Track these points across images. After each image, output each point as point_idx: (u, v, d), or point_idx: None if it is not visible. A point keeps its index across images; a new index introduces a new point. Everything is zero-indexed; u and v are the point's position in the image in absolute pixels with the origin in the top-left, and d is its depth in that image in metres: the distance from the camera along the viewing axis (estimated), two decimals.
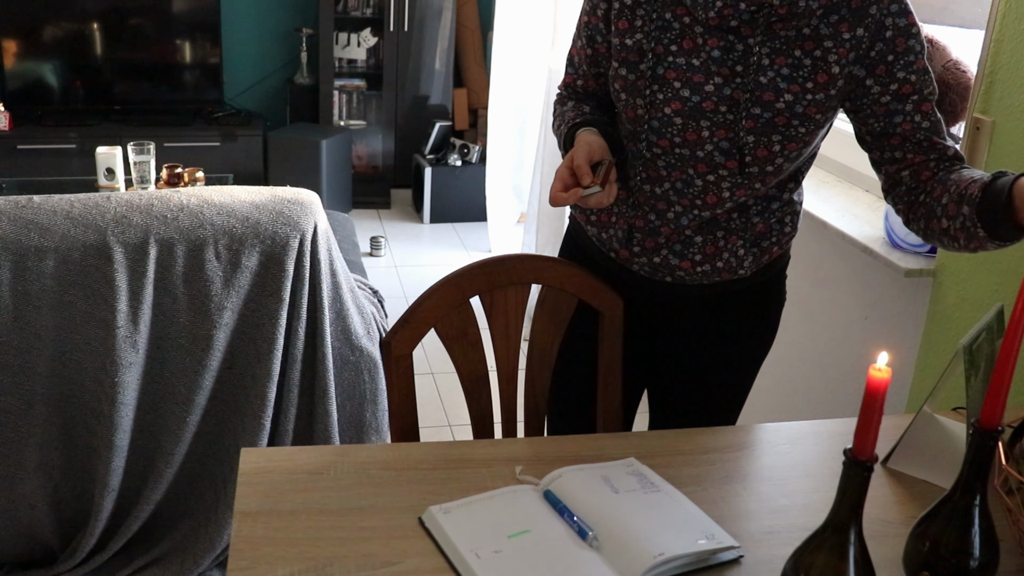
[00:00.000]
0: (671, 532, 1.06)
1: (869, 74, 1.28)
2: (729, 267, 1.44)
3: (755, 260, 1.45)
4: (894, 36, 1.26)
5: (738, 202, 1.38)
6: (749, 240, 1.43)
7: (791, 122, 1.29)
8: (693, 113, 1.32)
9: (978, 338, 1.19)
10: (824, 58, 1.27)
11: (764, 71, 1.28)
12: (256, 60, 5.13)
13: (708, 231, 1.41)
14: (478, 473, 1.19)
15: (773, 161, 1.33)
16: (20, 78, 4.61)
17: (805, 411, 2.29)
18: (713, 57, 1.29)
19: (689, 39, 1.30)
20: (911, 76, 1.28)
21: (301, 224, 2.01)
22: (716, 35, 1.29)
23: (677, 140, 1.34)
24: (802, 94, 1.28)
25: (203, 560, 2.05)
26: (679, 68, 1.31)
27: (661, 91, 1.33)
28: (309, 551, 1.02)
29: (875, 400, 0.80)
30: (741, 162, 1.33)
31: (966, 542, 0.97)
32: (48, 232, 1.88)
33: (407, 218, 5.02)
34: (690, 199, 1.38)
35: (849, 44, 1.26)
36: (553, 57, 3.63)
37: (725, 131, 1.31)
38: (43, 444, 1.98)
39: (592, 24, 1.41)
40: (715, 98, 1.30)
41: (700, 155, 1.34)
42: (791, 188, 1.44)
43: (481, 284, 1.47)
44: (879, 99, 1.29)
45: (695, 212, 1.39)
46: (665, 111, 1.33)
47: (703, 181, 1.36)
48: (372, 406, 2.20)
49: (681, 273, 1.45)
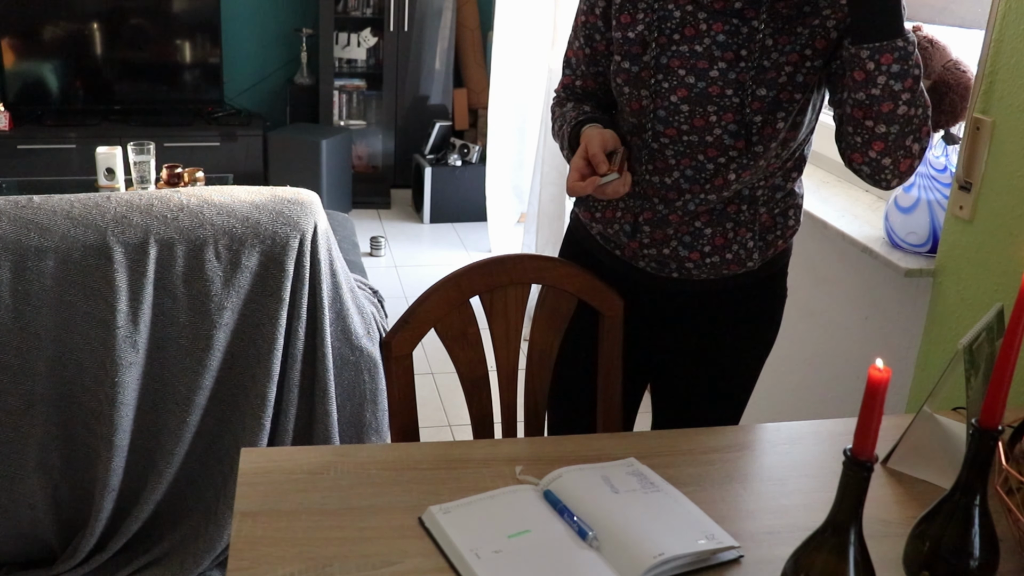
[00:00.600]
0: (671, 532, 1.06)
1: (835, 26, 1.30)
2: (738, 259, 1.44)
3: (762, 253, 1.46)
4: None
5: (743, 182, 1.39)
6: (757, 232, 1.44)
7: (794, 95, 1.31)
8: (700, 99, 1.33)
9: (978, 338, 1.19)
10: (823, 24, 1.29)
11: (768, 52, 1.29)
12: (256, 60, 5.13)
13: (718, 223, 1.42)
14: (478, 473, 1.19)
15: (777, 137, 1.35)
16: (20, 78, 4.61)
17: (805, 411, 2.29)
18: (718, 42, 1.30)
19: (691, 26, 1.32)
20: None
21: (301, 224, 2.01)
22: (720, 19, 1.30)
23: (684, 127, 1.35)
24: (801, 62, 1.30)
25: (203, 560, 2.05)
26: (683, 56, 1.32)
27: (666, 80, 1.34)
28: (309, 551, 1.02)
29: (875, 400, 0.80)
30: (748, 141, 1.34)
31: (966, 542, 0.97)
32: (48, 232, 1.88)
33: (407, 218, 5.02)
34: (700, 184, 1.39)
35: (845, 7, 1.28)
36: (553, 57, 3.63)
37: (732, 114, 1.33)
38: (43, 444, 1.98)
39: (590, 23, 1.42)
40: (720, 83, 1.31)
41: (709, 140, 1.35)
42: (793, 177, 1.45)
43: (481, 284, 1.47)
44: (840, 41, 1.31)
45: (702, 196, 1.39)
46: (671, 99, 1.34)
47: (714, 165, 1.37)
48: (372, 406, 2.20)
49: (690, 265, 1.45)
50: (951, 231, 1.73)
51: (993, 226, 1.62)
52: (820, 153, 2.37)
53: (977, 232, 1.66)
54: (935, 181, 1.82)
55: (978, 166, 1.64)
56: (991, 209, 1.63)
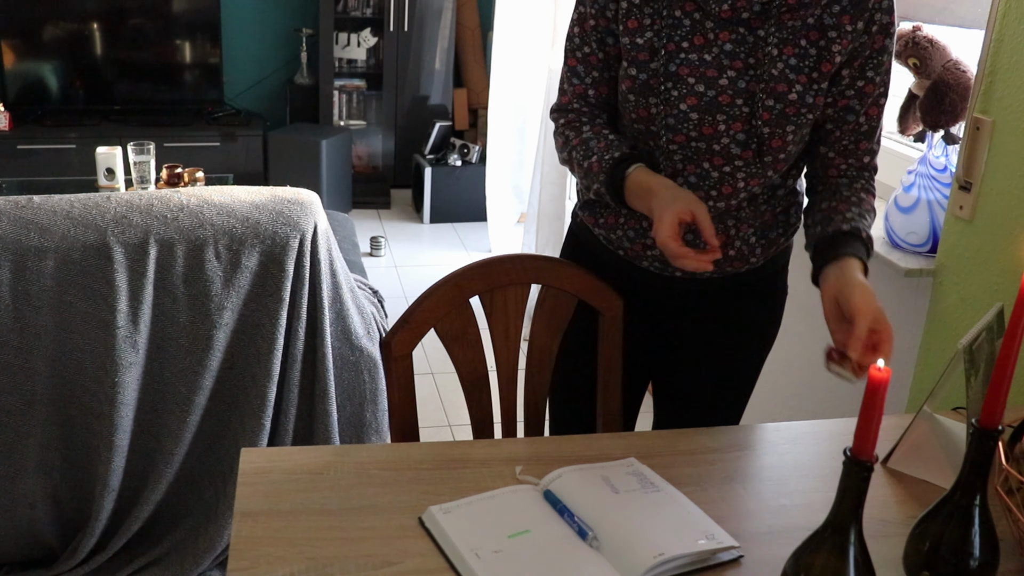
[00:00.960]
0: (671, 532, 1.06)
1: (847, 64, 1.32)
2: (741, 255, 1.44)
3: (764, 250, 1.46)
4: (877, 32, 1.30)
5: (752, 191, 1.39)
6: (759, 229, 1.44)
7: (801, 111, 1.32)
8: (709, 107, 1.32)
9: (978, 338, 1.19)
10: (828, 48, 1.30)
11: (775, 62, 1.30)
12: (256, 60, 5.13)
13: (719, 220, 1.42)
14: (478, 473, 1.19)
15: (786, 149, 1.35)
16: (20, 78, 4.61)
17: (805, 411, 2.29)
18: (725, 51, 1.31)
19: (700, 35, 1.31)
20: (877, 77, 1.33)
21: (301, 224, 2.01)
22: (727, 28, 1.30)
23: (693, 135, 1.35)
24: (810, 84, 1.31)
25: (203, 560, 2.05)
26: (692, 64, 1.32)
27: (676, 88, 1.33)
28: (309, 551, 1.02)
29: (875, 400, 0.80)
30: (758, 151, 1.34)
31: (966, 542, 0.97)
32: (48, 232, 1.88)
33: (407, 218, 5.02)
34: (705, 191, 1.39)
35: (851, 36, 1.29)
36: (553, 57, 3.63)
37: (741, 123, 1.33)
38: (43, 444, 1.98)
39: (601, 27, 1.39)
40: (730, 92, 1.31)
41: (716, 148, 1.35)
42: (794, 175, 1.46)
43: (481, 284, 1.47)
44: (844, 91, 1.34)
45: (710, 203, 1.39)
46: (681, 107, 1.33)
47: (719, 173, 1.37)
48: (372, 406, 2.20)
49: None
50: (951, 231, 1.73)
51: (993, 226, 1.63)
52: None
53: (977, 232, 1.66)
54: (935, 181, 1.82)
55: (978, 166, 1.64)
56: (991, 209, 1.63)
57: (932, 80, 1.87)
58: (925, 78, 1.89)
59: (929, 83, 1.87)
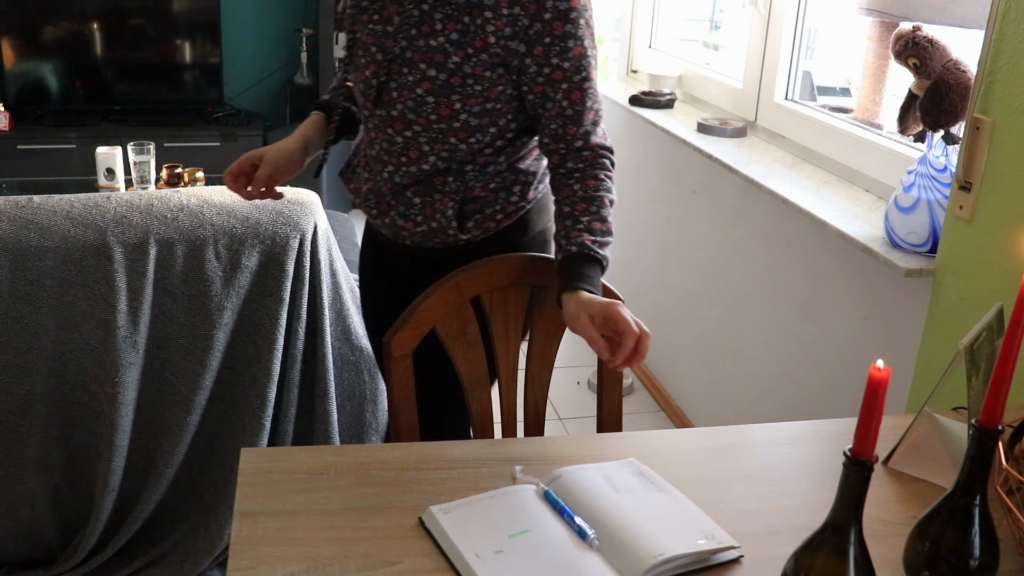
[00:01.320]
0: (671, 532, 1.06)
1: (528, 52, 1.37)
2: (441, 228, 1.50)
3: (477, 225, 1.50)
4: (552, 19, 1.34)
5: (441, 156, 1.45)
6: (460, 203, 1.49)
7: (465, 81, 1.38)
8: (384, 75, 1.43)
9: (978, 338, 1.19)
10: (483, 27, 1.36)
11: (436, 35, 1.38)
12: (256, 60, 5.12)
13: (425, 192, 1.49)
14: (478, 473, 1.19)
15: (457, 117, 1.41)
16: (20, 78, 4.61)
17: (805, 411, 2.29)
18: (395, 23, 1.41)
19: (385, 7, 1.44)
20: (564, 63, 1.37)
21: (301, 224, 2.01)
22: (397, 2, 1.41)
23: (374, 102, 1.46)
24: (467, 57, 1.37)
25: (203, 560, 2.05)
26: (376, 33, 1.44)
27: (363, 55, 1.46)
28: (309, 551, 1.02)
29: (875, 400, 0.80)
30: (427, 119, 1.42)
31: (966, 542, 0.97)
32: (48, 232, 1.88)
33: None
34: (396, 156, 1.48)
35: (506, 19, 1.35)
36: None
37: (408, 92, 1.41)
38: (43, 444, 1.98)
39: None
40: (399, 60, 1.40)
41: (394, 114, 1.44)
42: (509, 152, 1.49)
43: (481, 284, 1.47)
44: (535, 78, 1.39)
45: (404, 169, 1.48)
46: (365, 74, 1.46)
47: (402, 138, 1.45)
48: (372, 406, 2.20)
49: (405, 234, 1.53)
50: (951, 231, 1.73)
51: (993, 226, 1.62)
52: (820, 153, 2.37)
53: (977, 232, 1.66)
54: (935, 181, 1.82)
55: (978, 166, 1.64)
56: (991, 209, 1.63)
57: (932, 80, 1.86)
58: (925, 78, 1.88)
59: (929, 83, 1.87)
